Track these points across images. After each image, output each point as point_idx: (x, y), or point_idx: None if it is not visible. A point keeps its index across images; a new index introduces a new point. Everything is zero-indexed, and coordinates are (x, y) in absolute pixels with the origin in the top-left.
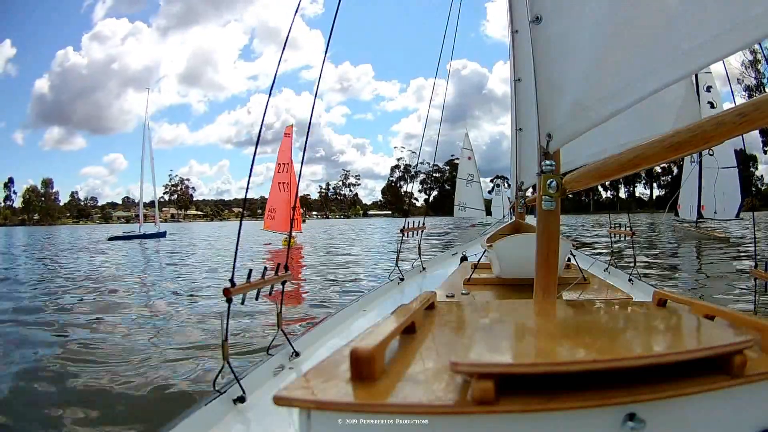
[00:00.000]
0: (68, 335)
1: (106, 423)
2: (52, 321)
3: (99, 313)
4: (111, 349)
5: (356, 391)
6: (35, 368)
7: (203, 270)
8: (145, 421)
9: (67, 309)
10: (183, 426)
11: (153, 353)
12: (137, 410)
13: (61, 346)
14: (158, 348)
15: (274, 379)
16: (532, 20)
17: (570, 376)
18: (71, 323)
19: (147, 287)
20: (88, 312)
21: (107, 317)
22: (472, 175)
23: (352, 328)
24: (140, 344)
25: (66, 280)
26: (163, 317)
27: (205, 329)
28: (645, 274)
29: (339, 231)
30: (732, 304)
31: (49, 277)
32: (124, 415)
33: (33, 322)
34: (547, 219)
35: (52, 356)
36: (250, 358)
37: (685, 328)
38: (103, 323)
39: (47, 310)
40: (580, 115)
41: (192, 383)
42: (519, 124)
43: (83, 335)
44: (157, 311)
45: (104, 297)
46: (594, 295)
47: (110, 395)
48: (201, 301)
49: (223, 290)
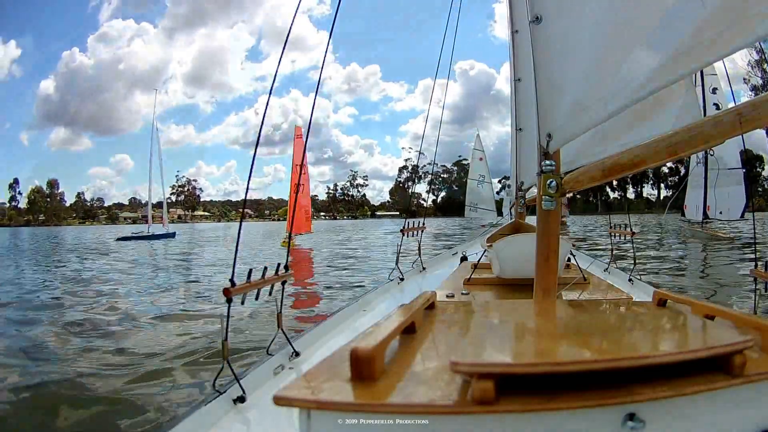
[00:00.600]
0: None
1: (106, 423)
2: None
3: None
4: (118, 347)
5: (356, 391)
6: (35, 367)
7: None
8: (145, 420)
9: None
10: (183, 426)
11: (154, 353)
12: (137, 410)
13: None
14: (160, 348)
15: (274, 378)
16: (533, 20)
17: (570, 376)
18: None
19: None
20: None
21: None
22: (483, 176)
23: (352, 328)
24: (142, 343)
25: (74, 284)
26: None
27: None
28: (653, 271)
29: (347, 231)
30: (737, 305)
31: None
32: (124, 414)
33: (32, 320)
34: (547, 219)
35: (53, 356)
36: (251, 358)
37: (685, 328)
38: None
39: (52, 310)
40: (580, 115)
41: (191, 382)
42: (519, 124)
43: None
44: (161, 309)
45: (112, 299)
46: (594, 295)
47: (110, 395)
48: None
49: (223, 290)
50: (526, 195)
